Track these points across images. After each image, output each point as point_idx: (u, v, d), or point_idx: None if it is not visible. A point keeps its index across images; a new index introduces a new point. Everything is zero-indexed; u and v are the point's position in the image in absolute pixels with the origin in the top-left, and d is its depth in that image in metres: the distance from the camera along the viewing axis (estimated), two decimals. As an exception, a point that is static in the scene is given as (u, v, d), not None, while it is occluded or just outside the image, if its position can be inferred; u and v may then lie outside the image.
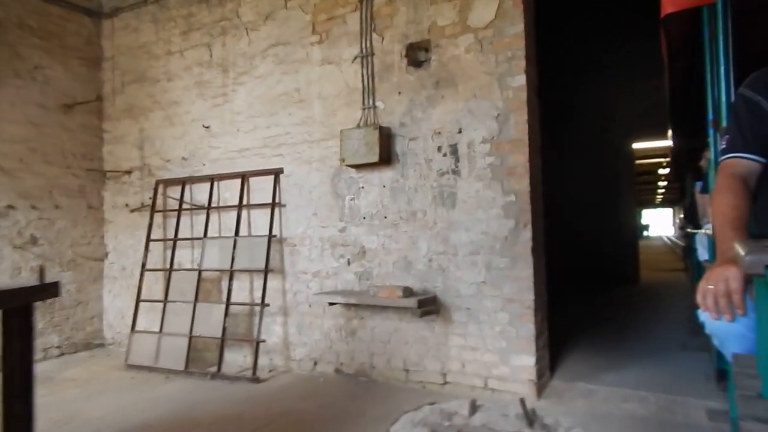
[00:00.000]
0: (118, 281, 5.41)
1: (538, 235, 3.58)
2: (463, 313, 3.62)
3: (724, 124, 2.61)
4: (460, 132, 3.67)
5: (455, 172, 3.68)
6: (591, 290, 8.60)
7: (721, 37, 2.63)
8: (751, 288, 1.08)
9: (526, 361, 3.40)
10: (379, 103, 3.99)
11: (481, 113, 3.60)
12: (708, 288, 1.11)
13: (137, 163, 5.32)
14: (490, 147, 3.56)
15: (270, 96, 4.50)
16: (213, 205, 4.73)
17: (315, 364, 4.21)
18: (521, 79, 3.47)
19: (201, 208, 4.76)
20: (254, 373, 4.06)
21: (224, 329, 4.28)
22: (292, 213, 4.37)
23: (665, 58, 3.93)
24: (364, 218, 4.02)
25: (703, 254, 4.40)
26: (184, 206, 4.88)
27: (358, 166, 3.97)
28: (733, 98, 2.31)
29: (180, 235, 4.88)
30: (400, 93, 3.90)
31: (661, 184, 25.33)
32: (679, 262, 13.69)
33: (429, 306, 3.53)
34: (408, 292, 3.52)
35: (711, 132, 2.95)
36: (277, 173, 4.42)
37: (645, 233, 42.39)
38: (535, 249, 3.44)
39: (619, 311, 6.71)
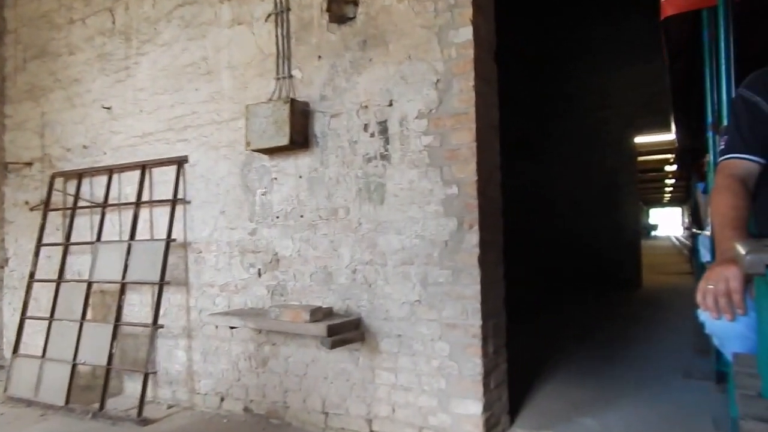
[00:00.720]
0: (18, 292, 4.59)
1: (492, 238, 2.72)
2: (393, 341, 2.76)
3: (725, 124, 2.53)
4: (390, 105, 2.82)
5: (384, 156, 2.83)
6: (584, 297, 7.71)
7: (722, 39, 2.58)
8: (751, 287, 1.05)
9: (471, 407, 2.54)
10: (295, 72, 3.14)
11: (416, 79, 2.74)
12: (708, 288, 1.09)
13: (38, 153, 4.50)
14: (427, 123, 2.71)
15: (175, 68, 3.67)
16: (113, 201, 3.91)
17: (222, 399, 3.37)
18: (467, 33, 2.61)
19: (95, 205, 3.94)
20: (140, 412, 3.22)
21: (111, 355, 3.45)
22: (197, 211, 3.53)
23: (666, 59, 3.89)
24: (278, 217, 3.18)
25: (705, 255, 3.83)
26: (81, 203, 4.06)
27: (267, 151, 3.13)
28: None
29: (77, 238, 4.06)
30: (320, 57, 3.06)
31: (669, 182, 24.25)
32: (687, 264, 12.73)
33: (346, 332, 2.68)
34: (318, 314, 2.67)
35: (710, 134, 2.92)
36: (180, 162, 3.58)
37: (652, 233, 41.30)
38: (484, 258, 2.58)
39: (612, 324, 5.81)
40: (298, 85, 3.12)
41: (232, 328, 3.13)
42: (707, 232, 3.72)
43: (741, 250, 0.94)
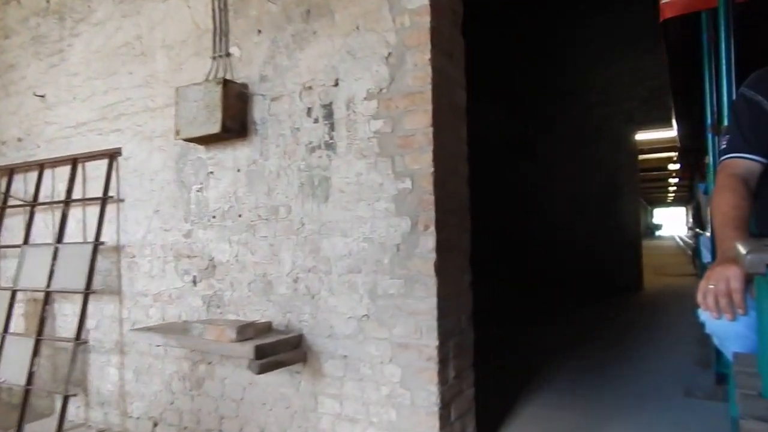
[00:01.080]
0: (-46, 300, 4.19)
1: (454, 242, 2.30)
2: (338, 362, 2.34)
3: (725, 125, 2.50)
4: (336, 84, 2.40)
5: (329, 146, 2.41)
6: (581, 301, 7.26)
7: (722, 40, 2.54)
8: (751, 287, 1.05)
9: (426, 445, 2.12)
10: (233, 49, 2.73)
11: (365, 54, 2.33)
12: (709, 287, 1.09)
13: (-26, 148, 4.10)
14: (377, 105, 2.29)
15: (109, 49, 3.26)
16: (46, 199, 3.50)
17: (155, 425, 2.95)
18: (422, -3, 2.19)
19: (24, 204, 3.53)
20: (57, 441, 2.82)
21: (31, 374, 3.04)
22: (131, 210, 3.12)
23: (665, 59, 3.91)
24: (214, 217, 2.76)
25: (706, 256, 3.67)
26: (12, 202, 3.65)
27: (200, 141, 2.71)
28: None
29: (11, 240, 3.65)
30: (260, 32, 2.64)
31: (672, 181, 23.74)
32: (690, 265, 12.25)
33: (282, 353, 2.26)
34: (248, 331, 2.25)
35: (710, 136, 2.92)
36: (112, 155, 3.18)
37: (656, 233, 40.80)
38: (442, 265, 2.16)
39: (608, 331, 5.37)
40: (237, 65, 2.71)
41: (158, 345, 2.73)
42: (708, 233, 3.53)
43: (742, 249, 0.93)
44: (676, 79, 4.25)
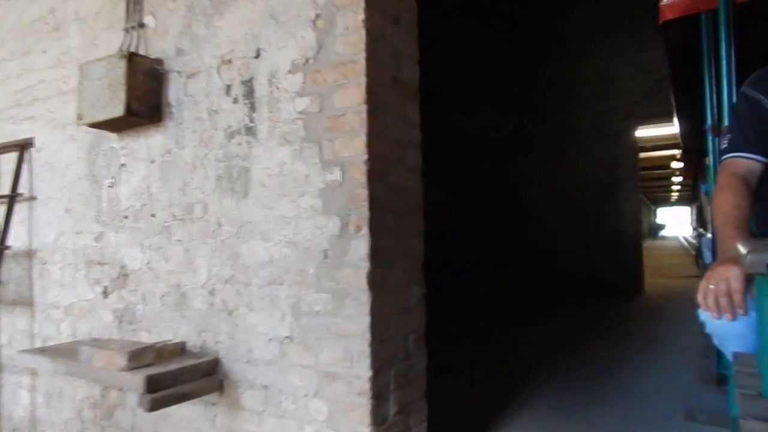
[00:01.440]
0: None
1: (397, 247, 1.87)
2: (257, 394, 1.92)
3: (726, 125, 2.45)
4: (258, 56, 1.98)
5: (250, 130, 1.99)
6: (576, 305, 6.82)
7: (722, 41, 2.50)
8: (751, 287, 1.06)
9: (357, 501, 1.70)
10: (148, 19, 2.32)
11: (289, 17, 1.91)
12: (709, 287, 1.10)
13: None
14: (303, 79, 1.87)
15: (22, 25, 2.86)
16: (-40, 198, 3.10)
17: (66, 459, 2.55)
18: (354, -56, 1.77)
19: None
20: (-55, 480, 2.41)
21: (-75, 399, 2.64)
22: (43, 210, 2.71)
23: (666, 59, 3.88)
24: (126, 217, 2.35)
25: (708, 257, 3.55)
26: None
27: (107, 126, 2.30)
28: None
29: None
30: (175, -3, 2.23)
31: (676, 180, 23.20)
32: (694, 266, 11.78)
33: (187, 382, 1.85)
34: (145, 356, 1.83)
35: (710, 138, 2.92)
36: (23, 147, 2.77)
37: (660, 233, 40.28)
38: (378, 276, 1.73)
39: (602, 340, 4.91)
40: (152, 37, 2.30)
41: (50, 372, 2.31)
42: (710, 234, 3.44)
43: (742, 249, 0.92)
44: (676, 80, 4.21)
